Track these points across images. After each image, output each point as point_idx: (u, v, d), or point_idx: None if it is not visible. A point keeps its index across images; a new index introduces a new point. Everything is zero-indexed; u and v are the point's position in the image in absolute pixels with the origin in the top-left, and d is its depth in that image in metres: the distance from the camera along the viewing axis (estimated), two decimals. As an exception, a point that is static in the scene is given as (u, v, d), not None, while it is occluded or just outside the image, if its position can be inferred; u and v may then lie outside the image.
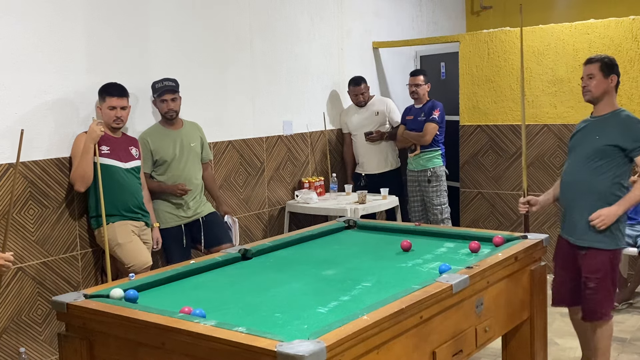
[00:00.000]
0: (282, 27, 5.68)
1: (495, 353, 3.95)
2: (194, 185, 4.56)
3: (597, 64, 3.59)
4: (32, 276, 3.95)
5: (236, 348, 2.09)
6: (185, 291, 2.89)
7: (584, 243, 3.59)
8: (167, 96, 4.41)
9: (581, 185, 3.61)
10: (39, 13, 3.93)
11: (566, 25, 5.79)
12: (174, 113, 4.47)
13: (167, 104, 4.43)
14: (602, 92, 3.60)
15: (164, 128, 4.51)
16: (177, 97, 4.47)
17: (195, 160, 4.60)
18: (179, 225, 4.52)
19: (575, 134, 3.77)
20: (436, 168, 5.83)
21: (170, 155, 4.47)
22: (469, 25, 8.48)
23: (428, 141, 5.77)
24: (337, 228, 3.97)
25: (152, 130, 4.52)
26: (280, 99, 5.69)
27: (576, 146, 3.71)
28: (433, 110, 5.78)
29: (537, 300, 3.31)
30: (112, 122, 4.08)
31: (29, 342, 3.93)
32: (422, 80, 5.88)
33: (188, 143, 4.55)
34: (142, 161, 4.36)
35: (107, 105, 4.06)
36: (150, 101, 4.57)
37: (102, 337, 2.52)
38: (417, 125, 5.83)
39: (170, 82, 4.44)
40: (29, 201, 3.92)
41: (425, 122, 5.77)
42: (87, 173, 3.94)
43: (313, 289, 2.85)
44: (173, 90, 4.43)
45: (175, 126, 4.54)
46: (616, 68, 3.64)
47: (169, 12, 4.72)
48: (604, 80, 3.58)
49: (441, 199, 5.81)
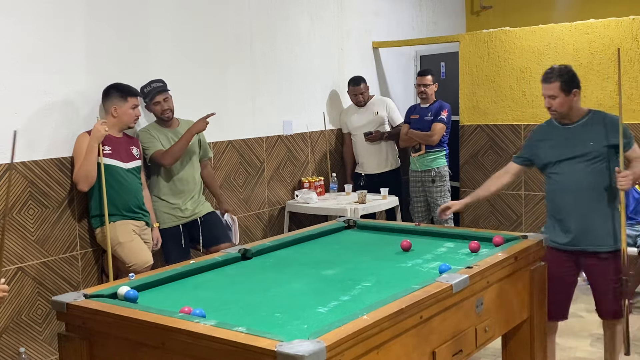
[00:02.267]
0: (282, 27, 5.68)
1: (495, 353, 3.95)
2: (192, 185, 4.56)
3: (557, 84, 3.45)
4: (32, 276, 3.95)
5: (236, 348, 2.09)
6: (185, 291, 2.89)
7: (607, 248, 3.50)
8: (159, 97, 4.39)
9: (592, 191, 3.49)
10: (39, 13, 3.93)
11: (566, 25, 5.79)
12: (170, 112, 4.46)
13: (160, 105, 4.41)
14: (568, 108, 3.51)
15: (160, 127, 4.50)
16: (169, 95, 4.45)
17: (193, 159, 4.60)
18: (177, 226, 4.52)
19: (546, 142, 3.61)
20: (440, 168, 5.81)
21: None
22: (469, 25, 8.48)
23: (436, 141, 5.73)
24: (337, 228, 3.97)
25: (150, 127, 4.51)
26: (280, 99, 5.69)
27: (564, 154, 3.54)
28: (441, 111, 5.75)
29: (537, 300, 3.31)
30: (132, 121, 4.16)
31: (29, 342, 3.93)
32: (430, 80, 5.84)
33: None
34: (149, 146, 4.39)
35: (131, 104, 4.11)
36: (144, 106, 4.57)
37: (102, 337, 2.52)
38: (423, 124, 5.79)
39: (158, 82, 4.41)
40: (29, 201, 3.92)
41: (432, 122, 5.73)
42: (91, 173, 3.94)
43: (313, 289, 2.85)
44: (164, 90, 4.42)
45: (171, 125, 4.54)
46: (577, 81, 3.52)
47: (169, 12, 4.73)
48: (567, 98, 3.48)
49: (445, 199, 5.78)
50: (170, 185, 4.50)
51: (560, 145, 3.57)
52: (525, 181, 6.02)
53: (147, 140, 4.41)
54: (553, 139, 3.61)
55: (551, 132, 3.65)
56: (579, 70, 5.82)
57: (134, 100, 4.13)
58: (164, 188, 4.50)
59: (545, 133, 3.68)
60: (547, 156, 3.62)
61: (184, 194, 4.53)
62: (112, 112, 4.10)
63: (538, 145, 3.68)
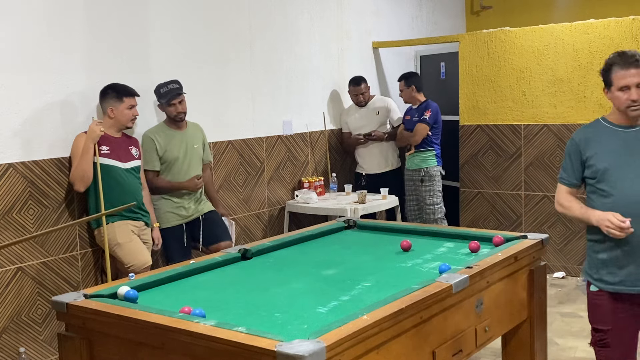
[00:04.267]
0: (282, 27, 5.68)
1: (495, 353, 3.95)
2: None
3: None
4: (32, 276, 3.95)
5: (236, 348, 2.09)
6: (185, 291, 2.89)
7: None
8: (175, 100, 4.42)
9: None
10: (39, 13, 3.93)
11: (566, 25, 5.79)
12: (184, 115, 4.48)
13: (175, 107, 4.43)
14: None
15: (169, 128, 4.51)
16: (184, 98, 4.47)
17: (198, 162, 4.61)
18: (180, 225, 4.53)
19: (599, 146, 2.88)
20: (429, 168, 5.88)
21: (175, 156, 4.46)
22: (469, 25, 8.48)
23: (417, 141, 5.85)
24: (337, 228, 3.97)
25: (158, 129, 4.51)
26: (280, 99, 5.69)
27: (624, 164, 2.82)
28: (425, 111, 5.86)
29: (537, 300, 3.31)
30: (129, 121, 4.14)
31: (29, 342, 3.93)
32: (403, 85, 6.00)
33: (192, 144, 4.55)
34: (147, 159, 4.38)
35: (127, 105, 4.10)
36: (154, 105, 4.57)
37: (102, 337, 2.52)
38: (411, 125, 5.94)
39: (175, 84, 4.44)
40: (29, 201, 3.92)
41: (417, 122, 5.83)
42: (87, 173, 3.94)
43: (313, 289, 2.85)
44: (180, 93, 4.44)
45: (180, 127, 4.54)
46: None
47: (169, 12, 4.72)
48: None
49: (434, 199, 5.86)
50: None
51: (619, 154, 2.84)
52: (526, 181, 6.02)
53: (147, 148, 4.41)
54: (609, 145, 2.88)
55: (604, 135, 2.90)
56: (579, 71, 5.88)
57: (130, 101, 4.12)
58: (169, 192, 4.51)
59: (596, 135, 2.92)
60: (600, 164, 2.86)
61: (188, 194, 4.53)
62: (108, 113, 4.11)
63: (588, 152, 2.91)
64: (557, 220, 5.92)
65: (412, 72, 6.36)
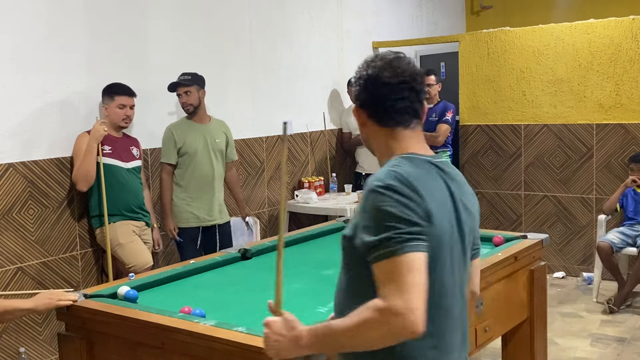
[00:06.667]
0: (282, 27, 5.68)
1: (495, 353, 3.95)
2: (218, 184, 4.55)
3: None
4: (32, 276, 3.95)
5: (236, 348, 2.09)
6: (185, 291, 2.89)
7: None
8: (179, 90, 4.42)
9: None
10: (39, 13, 3.93)
11: (566, 25, 5.79)
12: (190, 107, 4.45)
13: (181, 98, 4.44)
14: None
15: (190, 121, 4.51)
16: (192, 90, 4.42)
17: (220, 158, 4.58)
18: (197, 227, 4.52)
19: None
20: None
21: (194, 148, 4.44)
22: (469, 25, 8.48)
23: (441, 142, 5.69)
24: (337, 228, 3.97)
25: (179, 122, 4.54)
26: (280, 98, 5.69)
27: None
28: (446, 112, 5.72)
29: (537, 300, 3.31)
30: (121, 120, 4.11)
31: (29, 342, 3.93)
32: (433, 80, 5.82)
33: (213, 139, 4.53)
34: (164, 151, 4.40)
35: (117, 104, 4.07)
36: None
37: (102, 337, 2.52)
38: (428, 125, 5.73)
39: (184, 75, 4.44)
40: (29, 201, 3.92)
41: (437, 123, 5.70)
42: (90, 172, 3.94)
43: (313, 289, 2.85)
44: (185, 84, 4.42)
45: (202, 121, 4.53)
46: None
47: (169, 12, 4.73)
48: None
49: None
50: (198, 183, 4.46)
51: None
52: (525, 181, 6.02)
53: (166, 140, 4.43)
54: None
55: None
56: (579, 71, 5.88)
57: (120, 99, 4.08)
58: (191, 186, 4.46)
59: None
60: None
61: (211, 194, 4.50)
62: (104, 111, 4.11)
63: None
64: (557, 220, 5.92)
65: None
